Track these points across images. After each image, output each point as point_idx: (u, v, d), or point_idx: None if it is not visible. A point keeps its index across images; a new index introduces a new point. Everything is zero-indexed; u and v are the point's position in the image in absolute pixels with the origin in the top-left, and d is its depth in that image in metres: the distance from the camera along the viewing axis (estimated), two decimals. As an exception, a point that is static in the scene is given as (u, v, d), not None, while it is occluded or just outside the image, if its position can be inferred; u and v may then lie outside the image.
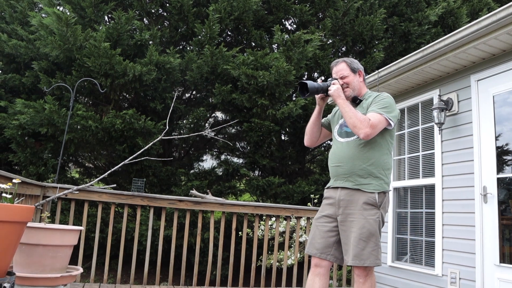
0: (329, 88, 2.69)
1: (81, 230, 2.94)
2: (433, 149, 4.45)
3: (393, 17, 7.80)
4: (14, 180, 2.26)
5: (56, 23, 6.28)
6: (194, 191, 5.27)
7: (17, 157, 6.75)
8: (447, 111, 4.24)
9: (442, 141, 4.34)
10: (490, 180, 3.72)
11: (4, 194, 2.02)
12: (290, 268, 5.16)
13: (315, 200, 6.28)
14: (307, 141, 2.97)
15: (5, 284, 1.90)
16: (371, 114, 2.57)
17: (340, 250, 2.63)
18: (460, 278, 3.89)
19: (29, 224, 2.47)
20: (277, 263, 5.22)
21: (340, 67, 2.80)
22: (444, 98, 4.30)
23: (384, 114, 2.58)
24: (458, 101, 4.18)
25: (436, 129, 4.38)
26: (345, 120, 2.61)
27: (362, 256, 2.47)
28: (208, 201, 4.90)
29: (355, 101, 2.78)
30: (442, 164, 4.30)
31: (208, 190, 6.34)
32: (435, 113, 4.24)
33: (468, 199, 3.93)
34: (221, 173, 7.69)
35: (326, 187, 2.82)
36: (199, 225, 4.83)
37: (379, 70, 4.76)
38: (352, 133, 2.65)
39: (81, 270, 2.94)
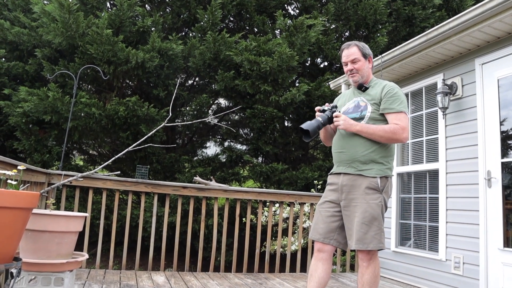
0: (335, 122, 2.63)
1: (86, 217, 2.96)
2: (437, 134, 4.43)
3: (397, 1, 7.71)
4: (19, 167, 2.27)
5: (58, 10, 6.25)
6: (197, 178, 5.30)
7: (21, 145, 6.78)
8: (451, 96, 4.22)
9: (446, 126, 4.32)
10: (495, 164, 3.71)
11: (9, 181, 2.03)
12: (293, 254, 5.20)
13: (319, 186, 6.29)
14: (326, 144, 3.01)
15: (12, 270, 1.92)
16: (395, 117, 2.60)
17: (343, 235, 2.65)
18: (464, 263, 3.91)
19: (35, 210, 2.49)
20: (281, 249, 5.26)
21: (352, 51, 2.75)
22: (448, 82, 4.28)
23: (404, 109, 2.64)
24: (462, 85, 4.15)
25: (440, 113, 4.36)
26: (378, 138, 2.60)
27: (365, 240, 2.49)
28: (212, 188, 4.92)
29: (361, 88, 2.77)
30: (446, 149, 4.29)
31: (211, 177, 6.36)
32: (439, 97, 4.21)
33: (472, 183, 3.92)
34: (224, 160, 7.70)
35: (329, 173, 2.84)
36: (203, 211, 4.86)
37: (383, 55, 4.72)
38: (356, 120, 2.68)
39: (87, 256, 2.97)
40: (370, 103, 2.70)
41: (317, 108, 2.73)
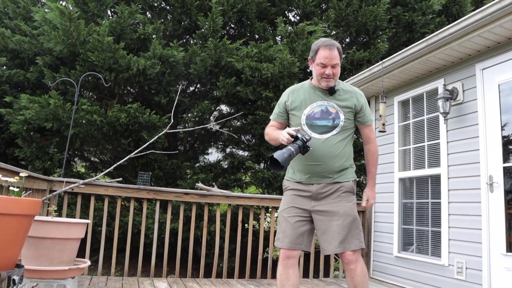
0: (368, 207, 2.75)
1: (88, 223, 2.96)
2: (438, 139, 4.43)
3: (397, 7, 7.74)
4: (21, 174, 2.27)
5: (59, 18, 6.28)
6: (200, 184, 5.29)
7: (23, 152, 6.79)
8: (452, 101, 4.22)
9: (447, 131, 4.32)
10: (496, 169, 3.71)
11: (11, 188, 2.03)
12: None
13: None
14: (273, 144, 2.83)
15: (14, 277, 1.92)
16: (369, 129, 2.75)
17: (309, 239, 2.62)
18: (466, 268, 3.89)
19: (37, 217, 2.49)
20: (283, 255, 5.23)
21: (335, 54, 2.51)
22: (449, 87, 4.28)
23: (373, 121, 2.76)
24: (463, 90, 4.16)
25: (441, 118, 4.36)
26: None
27: (346, 241, 2.49)
28: (214, 194, 4.92)
29: (332, 92, 2.60)
30: (448, 154, 4.29)
31: (213, 183, 6.35)
32: (440, 102, 4.22)
33: (474, 188, 3.92)
34: (226, 166, 7.70)
35: (294, 179, 2.70)
36: (205, 217, 4.85)
37: (383, 61, 4.73)
38: (327, 128, 2.57)
39: (89, 262, 2.97)
40: (343, 111, 2.59)
41: (289, 131, 2.44)
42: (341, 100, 2.60)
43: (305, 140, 2.43)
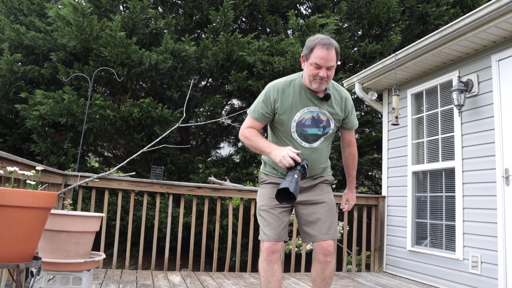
0: (344, 206, 2.75)
1: (102, 217, 2.99)
2: (453, 131, 4.39)
3: (410, -1, 7.66)
4: (37, 167, 2.30)
5: (73, 13, 6.33)
6: (212, 178, 5.32)
7: (38, 147, 6.88)
8: (467, 93, 4.17)
9: (462, 124, 4.27)
10: (512, 162, 3.66)
11: (28, 181, 2.06)
12: (309, 254, 5.18)
13: (333, 186, 6.26)
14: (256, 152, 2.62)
15: (32, 269, 1.95)
16: (353, 133, 2.67)
17: (287, 230, 2.56)
18: (481, 262, 3.86)
19: (53, 211, 2.52)
20: (296, 249, 5.24)
21: (332, 55, 2.26)
22: (464, 79, 4.23)
23: None
24: (479, 82, 4.10)
25: (455, 111, 4.31)
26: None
27: (332, 229, 2.47)
28: (226, 188, 4.94)
29: (327, 99, 2.39)
30: (462, 147, 4.24)
31: (226, 177, 6.38)
32: (454, 95, 4.16)
33: (489, 182, 3.87)
34: (238, 160, 7.71)
35: (274, 174, 2.56)
36: (218, 211, 4.87)
37: (396, 53, 4.69)
38: (317, 137, 2.45)
39: (104, 255, 3.00)
40: (334, 119, 2.45)
41: (294, 157, 2.24)
42: (332, 107, 2.44)
43: (306, 167, 2.29)
